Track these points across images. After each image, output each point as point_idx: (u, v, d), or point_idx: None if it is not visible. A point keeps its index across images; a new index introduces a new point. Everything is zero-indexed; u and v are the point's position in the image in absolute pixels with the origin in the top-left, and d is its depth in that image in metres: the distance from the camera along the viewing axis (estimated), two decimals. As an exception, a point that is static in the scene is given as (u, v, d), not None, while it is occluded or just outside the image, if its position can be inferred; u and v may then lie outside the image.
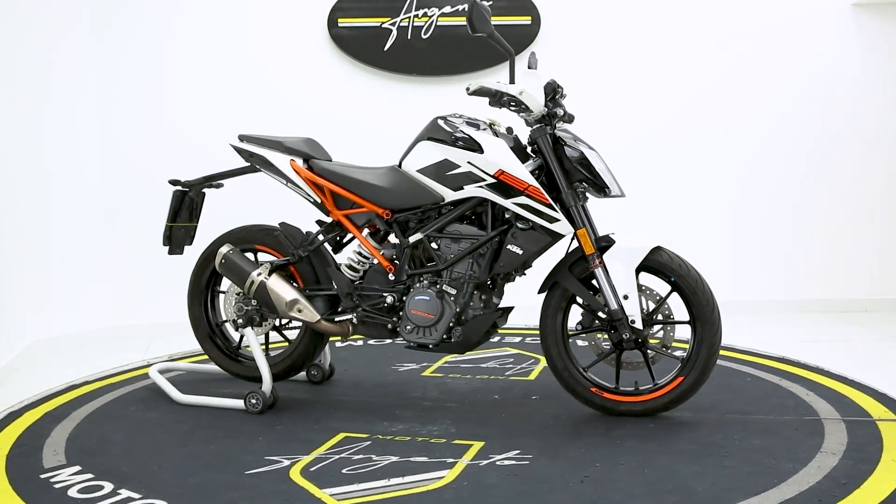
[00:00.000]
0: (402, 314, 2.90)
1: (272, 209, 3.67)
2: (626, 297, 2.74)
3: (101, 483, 2.31)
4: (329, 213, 3.01)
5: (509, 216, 2.85)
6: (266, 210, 3.70)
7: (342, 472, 2.37)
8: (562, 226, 2.76)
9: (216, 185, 3.23)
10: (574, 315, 2.93)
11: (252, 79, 4.66)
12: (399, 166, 2.97)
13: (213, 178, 3.20)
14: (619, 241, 2.79)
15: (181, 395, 3.10)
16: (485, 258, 2.85)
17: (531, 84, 2.80)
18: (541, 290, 2.92)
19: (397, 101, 4.76)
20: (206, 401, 3.06)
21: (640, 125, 4.88)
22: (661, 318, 2.82)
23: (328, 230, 3.05)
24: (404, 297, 2.91)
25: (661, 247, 2.78)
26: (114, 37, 4.51)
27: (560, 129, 2.86)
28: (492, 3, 4.72)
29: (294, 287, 3.00)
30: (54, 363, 3.86)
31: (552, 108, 2.83)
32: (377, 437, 2.66)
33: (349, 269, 3.02)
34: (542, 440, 2.63)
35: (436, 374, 3.48)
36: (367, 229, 3.01)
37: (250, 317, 3.04)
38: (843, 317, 4.76)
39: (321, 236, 3.05)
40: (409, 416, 2.87)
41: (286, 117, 4.55)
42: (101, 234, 4.43)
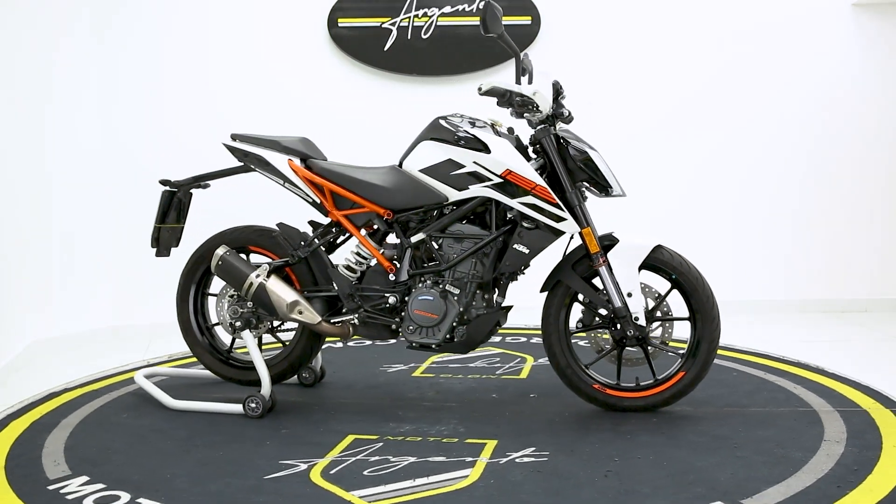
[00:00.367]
0: (403, 314, 2.89)
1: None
2: (630, 295, 2.79)
3: (117, 493, 2.22)
4: (327, 213, 2.98)
5: (511, 216, 2.86)
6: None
7: (363, 474, 2.34)
8: (568, 225, 2.80)
9: (202, 186, 3.15)
10: (574, 313, 2.96)
11: (252, 79, 4.66)
12: (399, 166, 2.96)
13: (204, 179, 3.13)
14: (622, 239, 2.83)
15: (173, 401, 3.01)
16: (489, 258, 2.86)
17: (543, 84, 2.83)
18: (543, 289, 2.94)
19: (397, 101, 4.76)
20: (201, 406, 2.98)
21: (640, 125, 4.88)
22: (659, 314, 2.86)
23: (326, 231, 3.03)
24: (406, 298, 2.91)
25: (662, 245, 2.83)
26: (114, 37, 4.52)
27: (560, 129, 2.89)
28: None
29: (294, 289, 2.96)
30: (54, 363, 3.86)
31: (556, 108, 2.86)
32: (387, 438, 2.64)
33: (346, 270, 2.99)
34: (553, 437, 2.65)
35: (426, 374, 3.47)
36: (364, 230, 2.99)
37: (248, 319, 2.99)
38: (843, 317, 4.76)
39: (319, 237, 3.02)
40: (414, 417, 2.86)
41: (286, 117, 4.55)
42: (101, 234, 4.43)
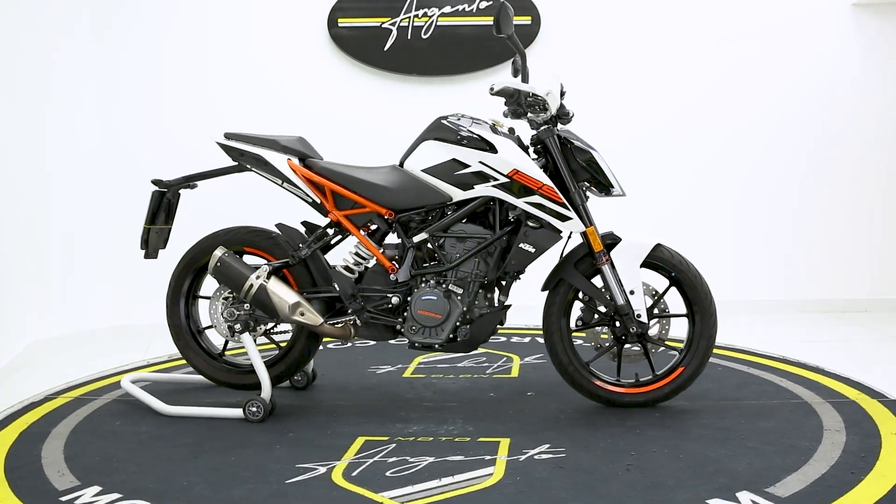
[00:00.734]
0: (406, 315, 2.88)
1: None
2: (633, 293, 2.84)
3: (137, 502, 2.17)
4: (327, 213, 2.95)
5: (513, 215, 2.88)
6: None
7: (386, 475, 2.32)
8: (574, 224, 2.83)
9: (190, 186, 3.08)
10: (573, 312, 2.99)
11: (252, 79, 4.66)
12: (401, 166, 2.95)
13: (196, 179, 3.06)
14: (624, 238, 2.89)
15: (167, 407, 2.93)
16: (493, 257, 2.88)
17: (554, 85, 2.87)
18: (545, 288, 2.96)
19: (397, 101, 4.76)
20: (198, 411, 2.91)
21: (640, 125, 4.88)
22: (656, 311, 2.92)
23: (325, 231, 3.00)
24: (408, 298, 2.90)
25: (661, 243, 2.89)
26: (114, 37, 4.52)
27: (561, 129, 2.92)
28: (492, 3, 4.73)
29: (294, 290, 2.93)
30: (54, 363, 3.86)
31: (560, 108, 2.90)
32: (398, 438, 2.62)
33: (345, 271, 2.97)
34: (564, 433, 2.67)
35: (417, 375, 3.45)
36: (363, 230, 2.98)
37: (247, 322, 2.93)
38: (843, 317, 4.76)
39: (319, 238, 2.98)
40: (417, 418, 2.85)
41: (286, 117, 4.55)
42: (101, 234, 4.43)
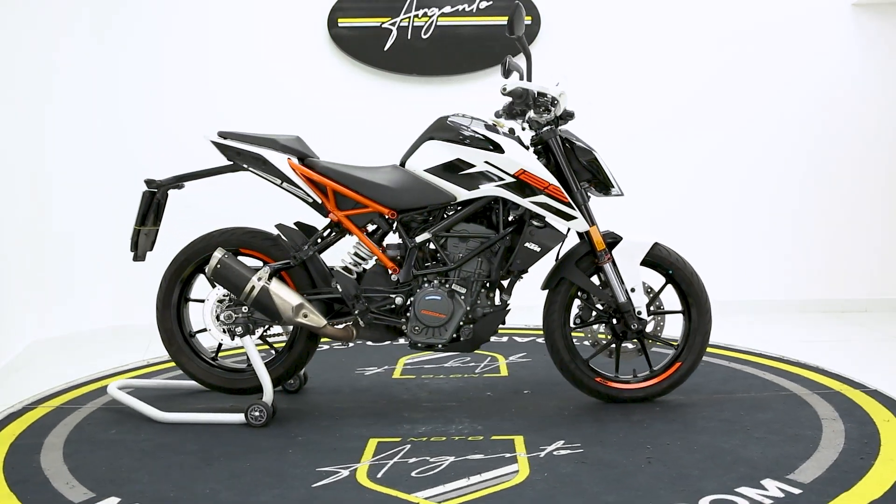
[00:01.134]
0: (409, 315, 2.88)
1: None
2: (633, 290, 2.90)
3: None
4: (327, 213, 2.92)
5: (515, 215, 2.90)
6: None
7: (412, 475, 2.32)
8: (578, 223, 2.87)
9: (177, 186, 3.00)
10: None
11: (252, 79, 4.66)
12: (402, 166, 2.95)
13: (188, 178, 2.99)
14: (625, 237, 2.94)
15: (163, 414, 2.85)
16: (496, 257, 2.89)
17: (566, 86, 2.93)
18: (546, 287, 2.99)
19: (397, 101, 4.76)
20: (197, 417, 2.85)
21: (640, 125, 4.88)
22: (652, 308, 2.98)
23: (325, 232, 2.97)
24: (410, 298, 2.89)
25: (658, 242, 2.96)
26: (114, 37, 4.52)
27: (561, 129, 2.95)
28: (492, 3, 4.73)
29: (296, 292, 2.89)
30: (54, 363, 3.86)
31: (563, 110, 2.96)
32: (410, 439, 2.61)
33: (344, 272, 2.95)
34: (574, 429, 2.70)
35: (407, 376, 3.43)
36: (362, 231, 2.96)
37: (248, 325, 2.88)
38: (843, 317, 4.76)
39: (320, 238, 2.95)
40: (422, 418, 2.85)
41: (286, 117, 4.55)
42: (100, 234, 4.43)
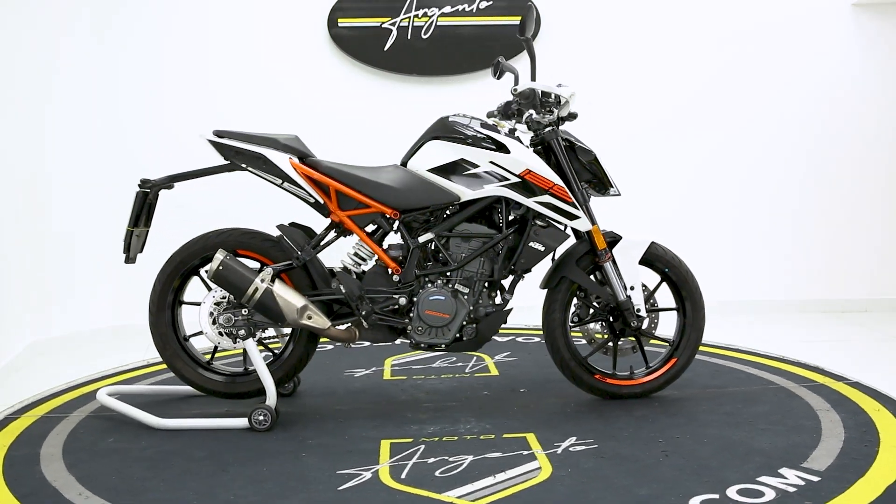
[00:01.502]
0: (412, 315, 2.87)
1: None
2: (633, 288, 2.96)
3: None
4: (328, 214, 2.90)
5: (516, 214, 2.91)
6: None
7: (436, 475, 2.32)
8: (581, 223, 2.90)
9: (167, 186, 2.93)
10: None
11: (252, 79, 4.66)
12: (403, 166, 2.94)
13: (183, 178, 2.93)
14: (625, 236, 2.99)
15: (162, 420, 2.79)
16: (499, 256, 2.90)
17: (575, 87, 2.97)
18: (546, 286, 3.01)
19: (397, 101, 4.76)
20: (198, 423, 2.79)
21: (640, 125, 4.88)
22: (647, 306, 3.03)
23: (327, 232, 2.94)
24: (413, 298, 2.89)
25: (654, 241, 3.02)
26: (114, 37, 4.51)
27: (561, 130, 2.98)
28: (492, 3, 4.73)
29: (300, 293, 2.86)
30: (54, 363, 3.86)
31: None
32: (423, 440, 2.61)
33: (346, 273, 2.93)
34: (582, 426, 2.74)
35: (398, 377, 3.42)
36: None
37: (249, 328, 2.83)
38: (843, 317, 4.76)
39: (322, 239, 2.92)
40: (427, 419, 2.84)
41: (286, 117, 4.55)
42: (101, 234, 4.42)
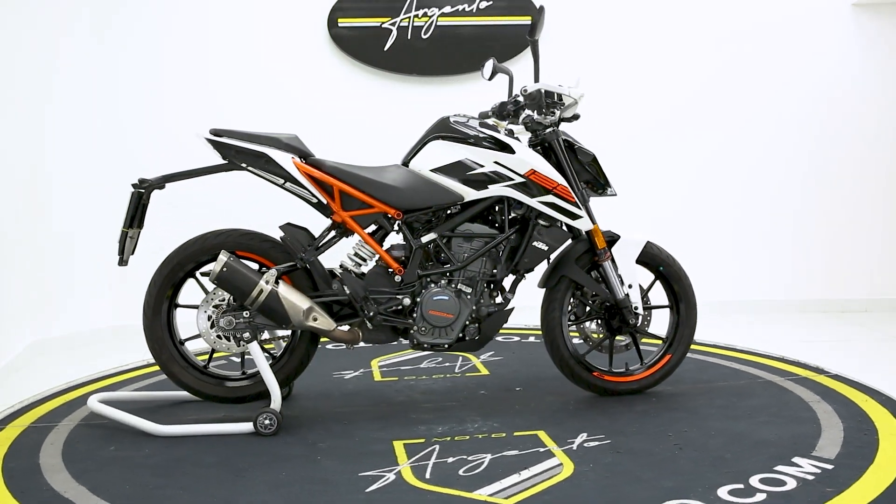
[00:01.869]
0: (415, 315, 2.86)
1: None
2: (631, 286, 3.01)
3: None
4: (331, 214, 2.87)
5: (517, 214, 2.93)
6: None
7: (460, 473, 2.32)
8: (584, 222, 2.94)
9: (159, 186, 2.85)
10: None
11: (252, 79, 4.66)
12: (405, 166, 2.93)
13: (178, 178, 2.87)
14: (623, 235, 3.05)
15: (161, 427, 2.72)
16: (502, 256, 2.92)
17: (583, 88, 3.02)
18: (546, 285, 3.04)
19: (397, 101, 4.76)
20: (201, 429, 2.72)
21: (640, 125, 4.88)
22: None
23: (329, 232, 2.92)
24: (416, 299, 2.88)
25: (650, 240, 3.08)
26: (114, 37, 4.51)
27: (560, 131, 3.02)
28: (492, 3, 4.73)
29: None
30: (54, 363, 3.86)
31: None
32: (435, 440, 2.61)
33: (351, 273, 2.90)
34: (590, 422, 2.79)
35: (389, 378, 3.41)
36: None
37: (254, 330, 2.78)
38: (843, 317, 4.76)
39: (323, 240, 2.90)
40: (432, 419, 2.84)
41: (286, 117, 4.54)
42: (101, 235, 4.42)
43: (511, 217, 2.93)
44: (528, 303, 3.47)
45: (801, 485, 2.21)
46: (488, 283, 2.94)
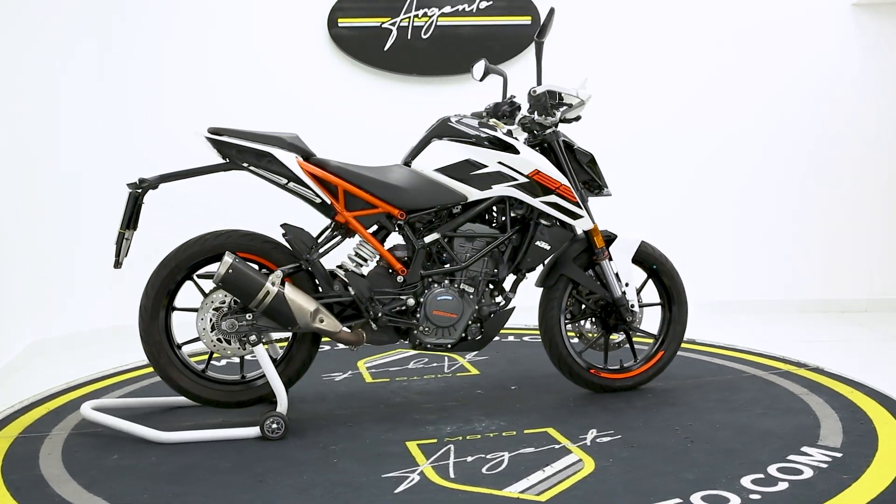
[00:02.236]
0: (418, 316, 2.85)
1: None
2: (627, 285, 3.06)
3: None
4: (334, 214, 2.82)
5: (518, 214, 2.94)
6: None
7: (483, 472, 2.32)
8: (584, 222, 2.97)
9: (153, 187, 2.76)
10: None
11: (253, 79, 4.66)
12: (407, 166, 2.92)
13: (175, 178, 2.79)
14: (620, 235, 3.09)
15: (164, 434, 2.63)
16: (504, 256, 2.94)
17: (590, 89, 3.06)
18: (545, 285, 3.06)
19: (397, 101, 4.76)
20: (204, 435, 2.65)
21: (639, 125, 4.88)
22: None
23: (333, 233, 2.89)
24: (419, 299, 2.87)
25: (643, 239, 3.12)
26: (114, 37, 4.51)
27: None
28: (492, 3, 4.73)
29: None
30: (54, 363, 3.86)
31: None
32: (447, 439, 2.61)
33: (355, 274, 2.87)
34: (596, 418, 2.82)
35: (380, 380, 3.38)
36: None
37: (259, 333, 2.71)
38: (843, 317, 4.76)
39: (328, 240, 2.87)
40: (437, 419, 2.83)
41: (286, 117, 4.54)
42: (101, 234, 4.42)
43: (511, 217, 2.95)
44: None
45: (817, 473, 2.27)
46: (489, 283, 2.95)
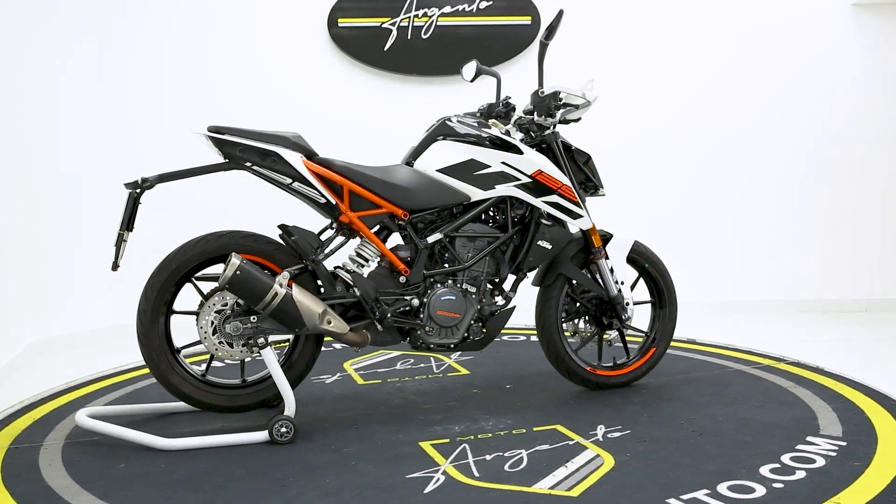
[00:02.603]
0: (422, 316, 2.84)
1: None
2: (623, 283, 3.11)
3: None
4: (338, 215, 2.78)
5: (518, 214, 2.96)
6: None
7: (506, 469, 2.32)
8: (584, 221, 3.00)
9: (149, 186, 2.68)
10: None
11: (252, 79, 4.66)
12: (409, 166, 2.91)
13: (171, 177, 2.71)
14: (615, 234, 3.12)
15: (167, 441, 2.55)
16: (505, 255, 2.96)
17: (596, 91, 3.10)
18: (542, 284, 3.08)
19: (397, 101, 4.76)
20: (210, 440, 2.57)
21: (640, 125, 4.88)
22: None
23: (337, 233, 2.87)
24: (423, 299, 2.86)
25: (637, 239, 3.16)
26: (115, 37, 4.52)
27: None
28: (492, 3, 4.73)
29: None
30: (54, 363, 3.86)
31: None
32: (459, 439, 2.60)
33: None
34: (598, 414, 2.84)
35: (372, 381, 3.36)
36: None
37: (265, 335, 2.66)
38: (843, 317, 4.76)
39: (332, 240, 2.84)
40: (443, 419, 2.82)
41: (286, 117, 4.55)
42: (101, 234, 4.42)
43: (517, 217, 2.97)
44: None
45: (829, 461, 2.31)
46: (490, 283, 2.96)
